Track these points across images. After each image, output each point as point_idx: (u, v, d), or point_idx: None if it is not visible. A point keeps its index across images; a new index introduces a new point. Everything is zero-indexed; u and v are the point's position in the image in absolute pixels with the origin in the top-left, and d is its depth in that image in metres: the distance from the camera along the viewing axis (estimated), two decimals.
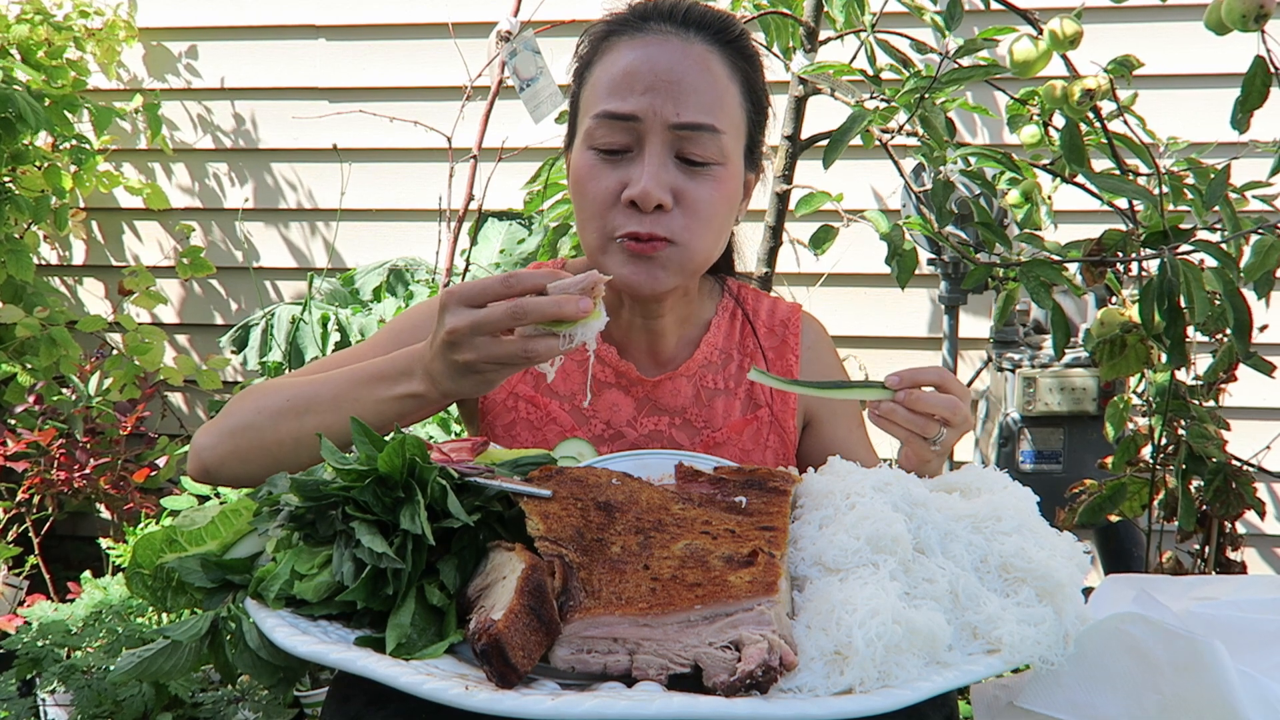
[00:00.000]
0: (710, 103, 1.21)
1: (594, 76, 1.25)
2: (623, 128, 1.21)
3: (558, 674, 0.84)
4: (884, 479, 0.99)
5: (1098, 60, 1.85)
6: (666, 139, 1.20)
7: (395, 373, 1.11)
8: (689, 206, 1.21)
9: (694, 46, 1.22)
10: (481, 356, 1.02)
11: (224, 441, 1.15)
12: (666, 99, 1.19)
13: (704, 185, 1.22)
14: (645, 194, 1.18)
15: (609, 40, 1.25)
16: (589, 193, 1.23)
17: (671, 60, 1.21)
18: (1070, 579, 0.92)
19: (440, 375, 1.06)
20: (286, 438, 1.12)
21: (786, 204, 2.22)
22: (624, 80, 1.21)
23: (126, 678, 1.03)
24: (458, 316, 1.02)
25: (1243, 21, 1.61)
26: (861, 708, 0.78)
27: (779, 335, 1.41)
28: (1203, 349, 2.29)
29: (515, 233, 3.01)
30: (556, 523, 0.92)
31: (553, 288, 1.01)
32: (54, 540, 3.12)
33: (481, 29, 2.79)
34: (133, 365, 3.24)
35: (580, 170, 1.24)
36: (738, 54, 1.26)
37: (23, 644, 2.24)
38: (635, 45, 1.22)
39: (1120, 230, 1.90)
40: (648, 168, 1.19)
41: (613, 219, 1.21)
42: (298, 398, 1.14)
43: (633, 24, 1.25)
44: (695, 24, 1.24)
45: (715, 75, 1.23)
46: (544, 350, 1.01)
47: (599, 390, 1.34)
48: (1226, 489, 2.09)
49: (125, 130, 3.52)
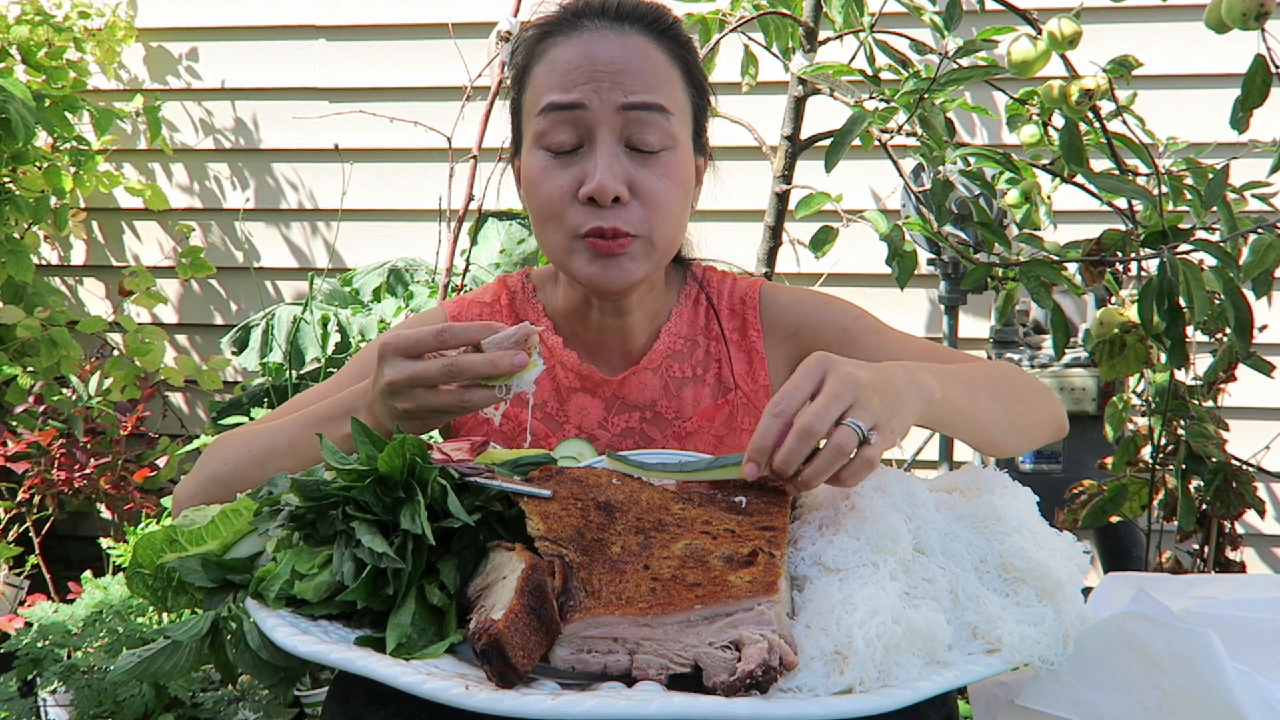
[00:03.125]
0: (654, 85, 1.22)
1: (534, 78, 1.25)
2: (570, 120, 1.20)
3: (558, 674, 0.85)
4: (884, 479, 0.99)
5: (1097, 60, 1.85)
6: (615, 126, 1.20)
7: (342, 412, 1.15)
8: (645, 196, 1.21)
9: (631, 38, 1.23)
10: (420, 406, 1.07)
11: (199, 493, 1.20)
12: (612, 85, 1.20)
13: (657, 173, 1.22)
14: (601, 187, 1.18)
15: (544, 42, 1.26)
16: (543, 194, 1.23)
17: (611, 51, 1.21)
18: (1070, 579, 0.93)
19: (382, 416, 1.11)
20: (253, 485, 1.14)
21: (786, 204, 2.22)
22: (566, 74, 1.21)
23: (126, 678, 1.03)
24: (395, 368, 1.07)
25: (1243, 20, 1.61)
26: (861, 708, 0.78)
27: (739, 315, 1.39)
28: (1203, 349, 2.29)
29: (515, 233, 3.01)
30: (556, 523, 0.92)
31: (487, 343, 1.05)
32: (54, 540, 3.12)
33: (481, 29, 2.79)
34: (133, 365, 3.24)
35: (531, 173, 1.24)
36: (674, 42, 1.27)
37: (23, 644, 2.24)
38: (573, 42, 1.23)
39: (1120, 230, 1.90)
40: (600, 160, 1.19)
41: (571, 217, 1.21)
42: (257, 447, 1.19)
43: (567, 23, 1.25)
44: (629, 17, 1.25)
45: (656, 62, 1.23)
46: (480, 400, 1.06)
47: (567, 396, 1.35)
48: (1226, 488, 2.09)
49: (125, 131, 3.52)
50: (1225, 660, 0.87)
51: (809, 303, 1.40)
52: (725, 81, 2.02)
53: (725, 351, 1.36)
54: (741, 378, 1.36)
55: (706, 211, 1.43)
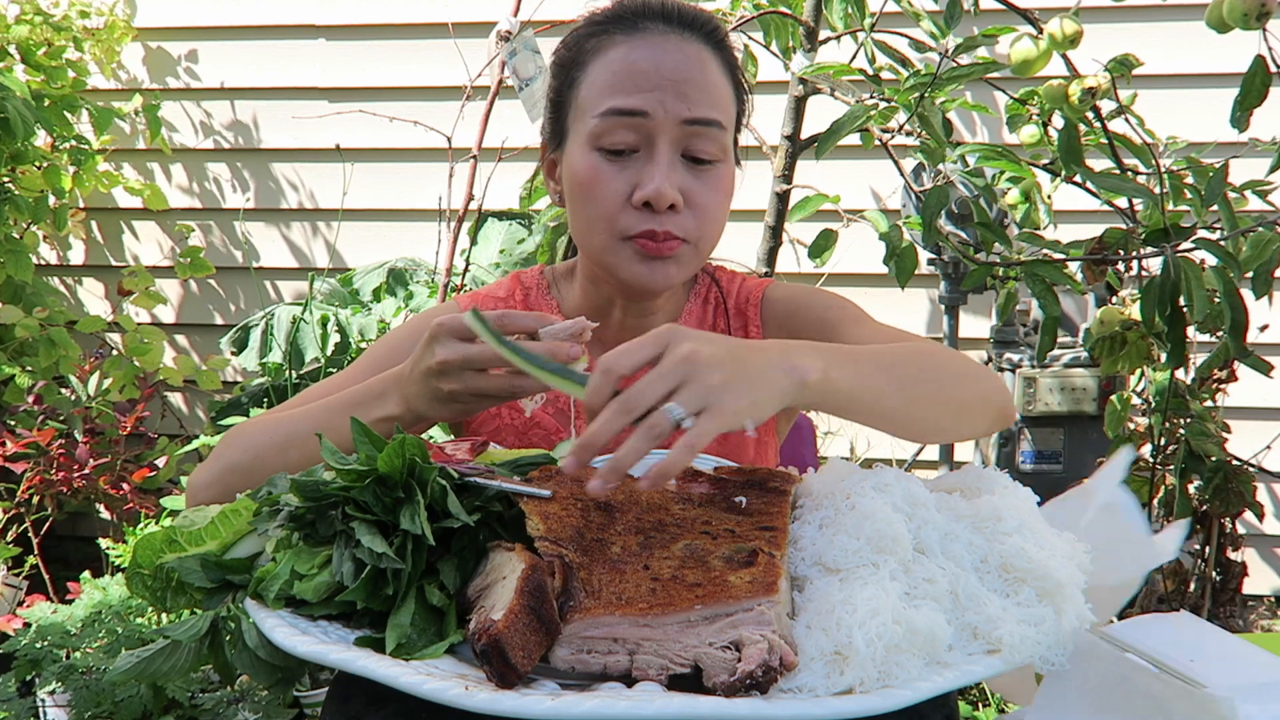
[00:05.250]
0: (715, 99, 1.22)
1: (590, 76, 1.24)
2: (630, 125, 1.20)
3: (558, 674, 0.84)
4: (884, 479, 0.99)
5: (1098, 59, 1.85)
6: (675, 136, 1.20)
7: (370, 397, 1.14)
8: (697, 206, 1.22)
9: (691, 45, 1.23)
10: (468, 388, 1.06)
11: (216, 482, 1.18)
12: (676, 96, 1.20)
13: (709, 184, 1.23)
14: (660, 194, 1.19)
15: (601, 39, 1.25)
16: (597, 196, 1.22)
17: (675, 58, 1.21)
18: (1070, 579, 0.92)
19: (417, 399, 1.10)
20: (274, 473, 1.12)
21: (786, 204, 2.22)
22: (629, 77, 1.21)
23: (125, 678, 1.02)
24: (449, 349, 1.06)
25: (1244, 20, 1.61)
26: (861, 708, 0.78)
27: (744, 314, 1.39)
28: (1203, 349, 2.29)
29: (515, 233, 3.01)
30: (556, 523, 0.92)
31: (544, 333, 1.06)
32: (54, 540, 3.12)
33: (481, 29, 2.79)
34: (132, 365, 3.24)
35: (584, 173, 1.23)
36: (726, 53, 1.28)
37: (22, 645, 2.24)
38: (635, 44, 1.22)
39: (1121, 229, 1.91)
40: (659, 168, 1.19)
41: (623, 220, 1.22)
42: (280, 434, 1.18)
43: (626, 22, 1.24)
44: (688, 24, 1.25)
45: (713, 73, 1.24)
46: (530, 388, 1.06)
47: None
48: (1226, 487, 2.09)
49: (124, 131, 3.52)
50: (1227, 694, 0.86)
51: (799, 295, 1.40)
52: None
53: None
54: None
55: None
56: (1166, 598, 2.35)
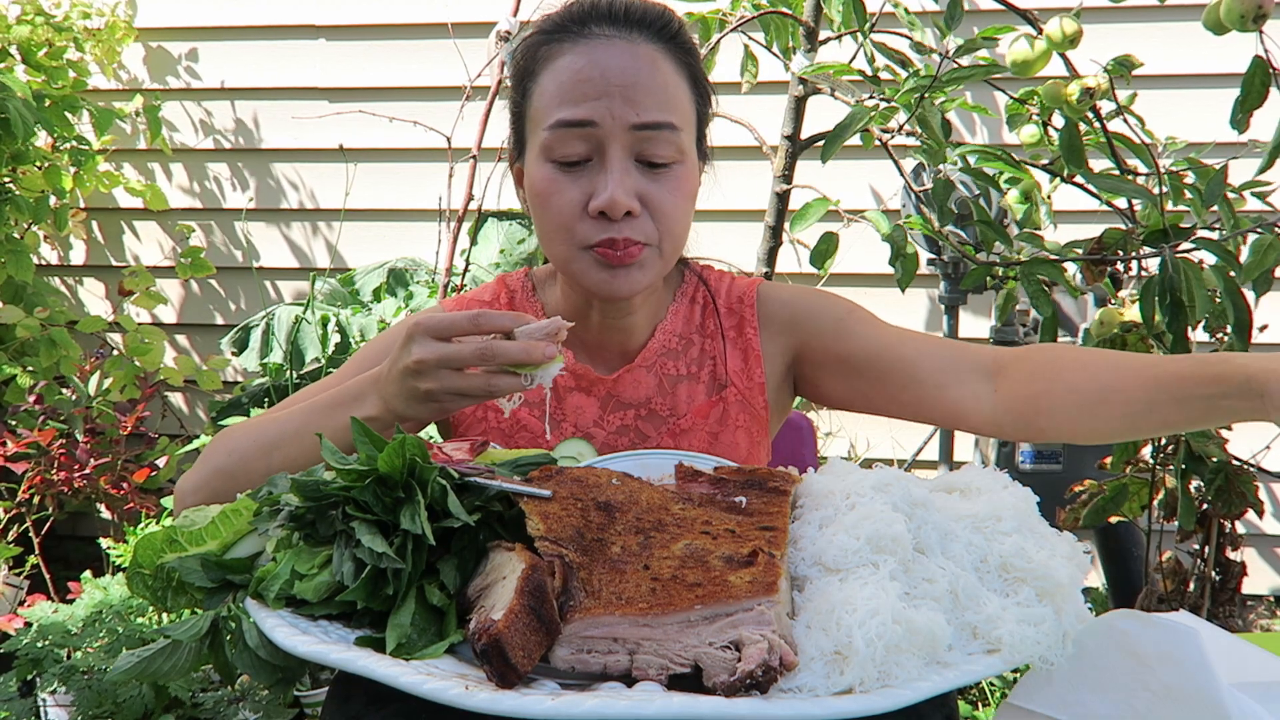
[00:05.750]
0: (665, 100, 1.21)
1: (540, 86, 1.24)
2: (580, 135, 1.20)
3: (558, 674, 0.85)
4: (884, 479, 0.99)
5: (1097, 60, 1.85)
6: (626, 142, 1.20)
7: (349, 399, 1.15)
8: (656, 209, 1.21)
9: (640, 46, 1.22)
10: (444, 387, 1.07)
11: (203, 486, 1.19)
12: (623, 102, 1.19)
13: (667, 185, 1.22)
14: (614, 203, 1.18)
15: (550, 47, 1.24)
16: (553, 208, 1.22)
17: (622, 62, 1.20)
18: (1070, 579, 0.92)
19: (394, 399, 1.10)
20: (258, 477, 1.13)
21: (786, 204, 2.22)
22: (575, 87, 1.20)
23: (126, 678, 1.03)
24: (425, 348, 1.07)
25: (1241, 22, 1.61)
26: (861, 708, 0.78)
27: (737, 313, 1.39)
28: (1203, 349, 2.28)
29: (515, 233, 3.01)
30: (556, 523, 0.92)
31: (519, 332, 1.07)
32: (54, 540, 3.12)
33: (481, 29, 2.80)
34: (133, 365, 3.24)
35: (540, 185, 1.23)
36: (679, 48, 1.26)
37: (23, 644, 2.24)
38: (580, 51, 1.21)
39: (1121, 229, 1.91)
40: (612, 175, 1.19)
41: (580, 230, 1.21)
42: (264, 437, 1.18)
43: (573, 28, 1.23)
44: (637, 23, 1.23)
45: (665, 73, 1.22)
46: (506, 387, 1.07)
47: (564, 395, 1.35)
48: (1227, 487, 2.09)
49: (125, 131, 3.52)
50: (1211, 658, 0.87)
51: (806, 297, 1.40)
52: (725, 81, 2.02)
53: (721, 349, 1.37)
54: (736, 375, 1.36)
55: (706, 211, 1.43)
56: (1166, 598, 2.35)
